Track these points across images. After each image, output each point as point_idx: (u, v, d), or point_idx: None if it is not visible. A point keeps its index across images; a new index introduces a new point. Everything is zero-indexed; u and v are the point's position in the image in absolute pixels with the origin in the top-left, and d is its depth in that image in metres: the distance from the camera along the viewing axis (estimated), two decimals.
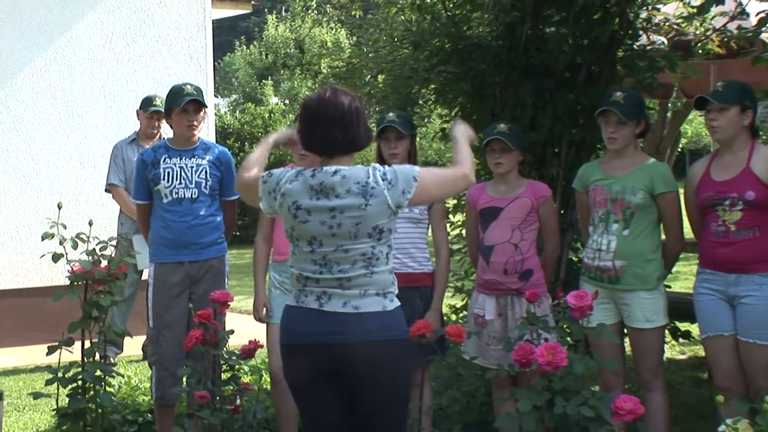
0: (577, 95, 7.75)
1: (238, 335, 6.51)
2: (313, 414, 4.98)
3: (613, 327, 6.27)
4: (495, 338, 6.50)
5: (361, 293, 4.82)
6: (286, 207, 4.86)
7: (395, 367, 4.86)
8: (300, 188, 4.84)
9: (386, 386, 4.85)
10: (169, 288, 7.07)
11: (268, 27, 39.38)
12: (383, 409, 4.89)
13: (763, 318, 5.83)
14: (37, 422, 8.25)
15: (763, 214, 5.86)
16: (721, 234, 5.95)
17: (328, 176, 4.81)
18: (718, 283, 6.00)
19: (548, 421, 5.28)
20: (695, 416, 7.78)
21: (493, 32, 8.10)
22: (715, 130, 6.02)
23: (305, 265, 4.88)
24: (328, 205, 4.79)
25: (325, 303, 4.83)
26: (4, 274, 11.30)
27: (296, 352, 4.90)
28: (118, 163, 9.78)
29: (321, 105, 4.87)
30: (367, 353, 4.79)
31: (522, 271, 6.50)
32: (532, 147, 7.71)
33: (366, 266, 4.82)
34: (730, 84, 6.02)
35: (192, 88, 7.14)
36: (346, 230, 4.78)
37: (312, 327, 4.84)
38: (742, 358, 5.94)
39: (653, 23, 8.71)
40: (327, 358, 4.81)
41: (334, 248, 4.81)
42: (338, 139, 4.85)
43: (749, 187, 5.87)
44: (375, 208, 4.76)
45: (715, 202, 5.96)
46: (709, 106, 6.00)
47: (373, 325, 4.80)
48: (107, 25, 11.75)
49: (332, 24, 24.46)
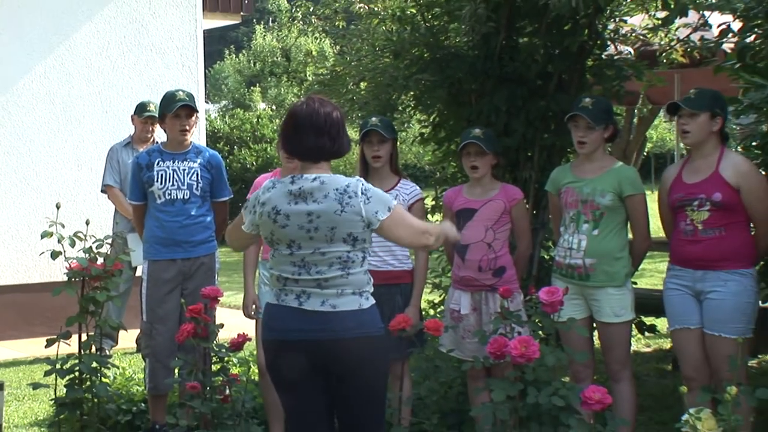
0: (549, 102, 7.76)
1: (228, 329, 6.50)
2: (296, 405, 4.98)
3: (583, 321, 6.29)
4: (470, 332, 6.51)
5: (338, 292, 4.82)
6: (266, 214, 4.86)
7: (371, 361, 4.87)
8: (279, 194, 4.85)
9: (363, 380, 4.85)
10: (162, 284, 7.07)
11: (256, 37, 39.34)
12: (361, 400, 4.89)
13: (728, 312, 5.85)
14: (36, 411, 8.23)
15: (729, 215, 5.89)
16: (690, 232, 5.97)
17: (308, 182, 4.82)
18: (686, 278, 6.02)
19: (521, 410, 5.29)
20: (660, 406, 7.80)
21: (470, 42, 8.10)
22: (686, 135, 6.04)
23: (285, 267, 4.88)
24: (305, 210, 4.79)
25: (304, 302, 4.84)
26: (5, 271, 11.27)
27: (278, 347, 4.92)
28: (113, 165, 9.75)
29: (311, 114, 4.87)
30: (345, 349, 4.80)
31: (495, 268, 6.51)
32: (506, 151, 7.71)
33: (342, 268, 4.82)
34: (702, 91, 6.04)
35: (184, 94, 7.13)
36: (323, 234, 4.78)
37: (292, 324, 4.84)
38: (707, 350, 5.96)
39: (620, 34, 8.73)
40: (307, 354, 4.82)
41: (312, 251, 4.81)
42: (326, 147, 4.86)
43: (717, 189, 5.89)
44: (349, 216, 4.76)
45: (684, 203, 5.99)
46: (680, 111, 6.02)
47: (350, 322, 4.81)
48: (104, 35, 11.71)
49: (317, 34, 24.40)
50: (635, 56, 8.93)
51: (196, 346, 6.10)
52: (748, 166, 6.01)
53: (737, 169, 5.93)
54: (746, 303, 5.90)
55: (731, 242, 5.89)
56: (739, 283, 5.87)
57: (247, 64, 39.07)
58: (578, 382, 6.03)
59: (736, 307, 5.86)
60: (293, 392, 4.95)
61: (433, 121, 8.55)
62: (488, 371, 6.37)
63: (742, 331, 5.86)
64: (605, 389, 5.10)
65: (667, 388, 8.31)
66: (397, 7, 8.91)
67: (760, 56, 6.84)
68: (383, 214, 4.80)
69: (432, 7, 8.42)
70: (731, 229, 5.90)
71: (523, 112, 7.77)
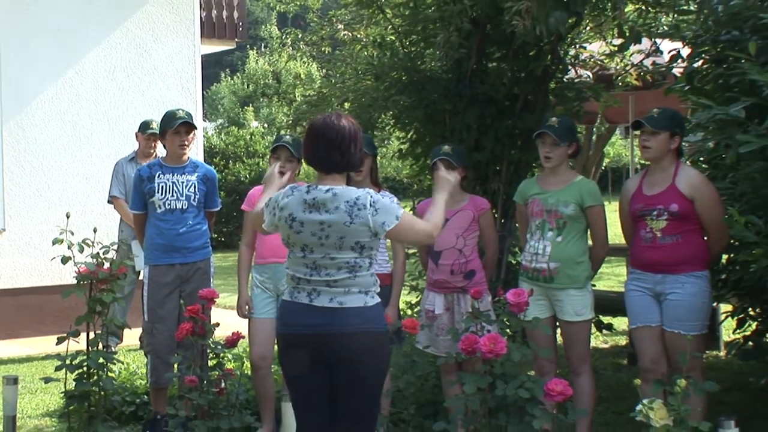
0: (515, 121, 7.76)
1: (223, 328, 6.47)
2: (302, 392, 4.95)
3: (547, 320, 6.28)
4: (444, 330, 6.50)
5: (345, 291, 4.80)
6: (284, 219, 4.85)
7: (373, 354, 4.83)
8: (295, 202, 4.84)
9: (364, 371, 4.82)
10: (162, 287, 7.03)
11: (249, 61, 39.24)
12: (360, 390, 4.86)
13: (686, 311, 5.86)
14: (48, 403, 8.18)
15: (685, 224, 5.89)
16: (649, 239, 5.97)
17: (322, 193, 4.80)
18: (646, 281, 6.02)
19: (490, 401, 5.27)
20: (617, 397, 7.79)
21: (444, 66, 8.11)
22: (646, 150, 6.04)
23: (298, 267, 4.87)
24: (318, 219, 4.78)
25: (314, 299, 4.82)
26: (19, 275, 11.21)
27: (289, 340, 4.90)
28: (119, 178, 9.72)
29: (326, 127, 4.84)
30: (349, 342, 4.77)
31: (466, 271, 6.51)
32: (476, 165, 7.72)
33: (349, 272, 4.80)
34: (664, 111, 6.04)
35: (184, 112, 7.11)
36: (333, 241, 4.76)
37: (302, 319, 4.82)
38: (666, 346, 5.96)
39: (580, 59, 8.77)
40: (315, 346, 4.80)
41: (323, 255, 4.79)
42: (335, 160, 4.84)
43: (673, 200, 5.89)
44: (357, 227, 4.74)
45: (644, 213, 5.99)
46: (643, 129, 6.02)
47: (355, 318, 4.79)
48: (110, 59, 11.68)
49: (305, 58, 24.41)
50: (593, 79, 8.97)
51: (194, 344, 6.09)
52: (701, 180, 6.01)
53: (691, 182, 5.94)
54: (702, 303, 5.91)
55: (687, 248, 5.90)
56: (695, 285, 5.88)
57: (241, 86, 38.97)
58: (542, 376, 6.01)
59: (692, 307, 5.87)
60: (300, 380, 4.93)
61: (411, 138, 8.55)
62: (460, 366, 6.36)
63: (699, 327, 5.88)
64: (567, 382, 5.09)
65: (623, 381, 8.30)
66: (378, 35, 8.94)
67: (707, 80, 6.86)
68: (390, 224, 4.77)
69: (409, 34, 8.43)
70: (687, 236, 5.90)
71: (492, 130, 7.78)
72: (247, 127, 29.03)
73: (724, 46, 6.54)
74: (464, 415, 5.41)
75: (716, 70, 6.68)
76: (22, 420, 7.60)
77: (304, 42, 10.86)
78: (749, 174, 6.03)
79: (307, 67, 32.56)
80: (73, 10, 11.47)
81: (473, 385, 5.27)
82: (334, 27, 9.92)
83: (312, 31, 10.56)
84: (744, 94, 6.08)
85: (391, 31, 8.72)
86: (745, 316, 6.69)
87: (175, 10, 12.09)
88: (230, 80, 40.28)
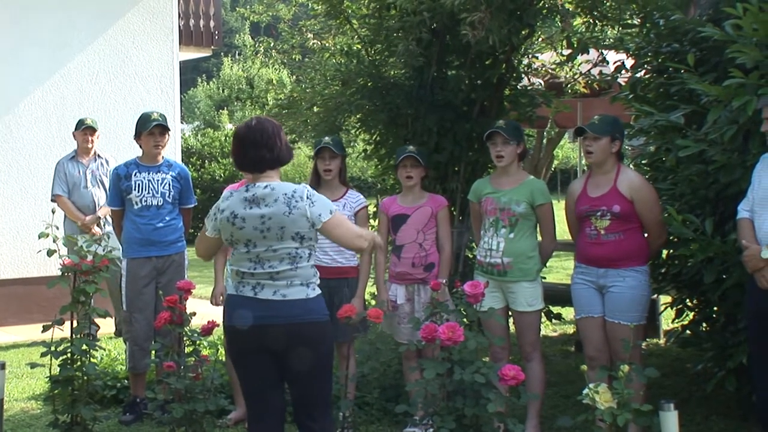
0: (473, 125, 7.77)
1: (199, 317, 6.44)
2: (251, 382, 4.92)
3: (501, 310, 6.31)
4: (405, 319, 6.51)
5: (287, 283, 4.77)
6: (225, 218, 4.82)
7: (317, 343, 4.80)
8: (236, 201, 4.82)
9: (309, 359, 4.78)
10: (140, 279, 7.03)
11: (224, 67, 39.13)
12: (309, 376, 4.83)
13: (626, 303, 5.90)
14: (34, 387, 8.12)
15: (626, 222, 5.92)
16: (594, 237, 5.99)
17: (261, 189, 4.79)
18: (590, 275, 6.05)
19: (448, 385, 5.27)
20: (565, 381, 7.83)
21: (406, 74, 8.10)
22: (589, 155, 6.06)
23: (242, 263, 4.84)
24: (259, 213, 4.76)
25: (259, 292, 4.79)
26: (7, 267, 11.12)
27: (236, 332, 4.85)
28: (60, 176, 9.56)
29: (249, 131, 4.83)
30: (293, 333, 4.74)
31: (426, 264, 6.54)
32: (436, 166, 7.73)
33: (291, 263, 4.77)
34: (604, 118, 6.06)
35: (158, 114, 7.10)
36: (274, 233, 4.74)
37: (248, 312, 4.78)
38: (608, 335, 5.99)
39: (532, 68, 8.79)
40: (260, 337, 4.76)
41: (265, 248, 4.76)
42: (265, 158, 4.81)
43: (615, 201, 5.92)
44: (296, 218, 4.72)
45: (589, 213, 6.01)
46: (585, 134, 6.04)
47: (298, 309, 4.75)
48: (93, 65, 11.60)
49: (277, 65, 24.34)
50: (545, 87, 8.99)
51: (172, 332, 6.06)
52: (641, 182, 6.04)
53: (631, 184, 5.96)
54: (641, 295, 5.94)
55: (628, 245, 5.93)
56: (635, 279, 5.91)
57: (217, 91, 38.83)
58: (496, 362, 6.03)
59: (632, 299, 5.90)
60: (248, 369, 4.89)
61: (375, 140, 8.54)
62: (420, 353, 6.37)
63: (638, 318, 5.91)
64: (519, 368, 5.11)
65: (571, 367, 8.34)
66: (345, 43, 8.93)
67: (649, 88, 6.91)
68: (325, 216, 4.77)
69: (374, 43, 8.41)
70: (628, 233, 5.94)
71: (451, 133, 7.78)
72: (222, 129, 28.87)
73: (665, 58, 6.60)
74: (424, 398, 5.41)
75: (658, 80, 6.74)
76: (9, 403, 7.55)
77: (275, 50, 10.81)
78: (688, 176, 6.09)
79: (278, 74, 32.44)
80: (59, 18, 11.38)
81: (432, 370, 5.27)
82: (304, 36, 9.88)
83: (283, 39, 10.51)
84: (683, 102, 6.14)
85: (357, 40, 8.72)
86: (683, 306, 6.75)
87: (155, 20, 12.02)
88: (206, 85, 40.14)
